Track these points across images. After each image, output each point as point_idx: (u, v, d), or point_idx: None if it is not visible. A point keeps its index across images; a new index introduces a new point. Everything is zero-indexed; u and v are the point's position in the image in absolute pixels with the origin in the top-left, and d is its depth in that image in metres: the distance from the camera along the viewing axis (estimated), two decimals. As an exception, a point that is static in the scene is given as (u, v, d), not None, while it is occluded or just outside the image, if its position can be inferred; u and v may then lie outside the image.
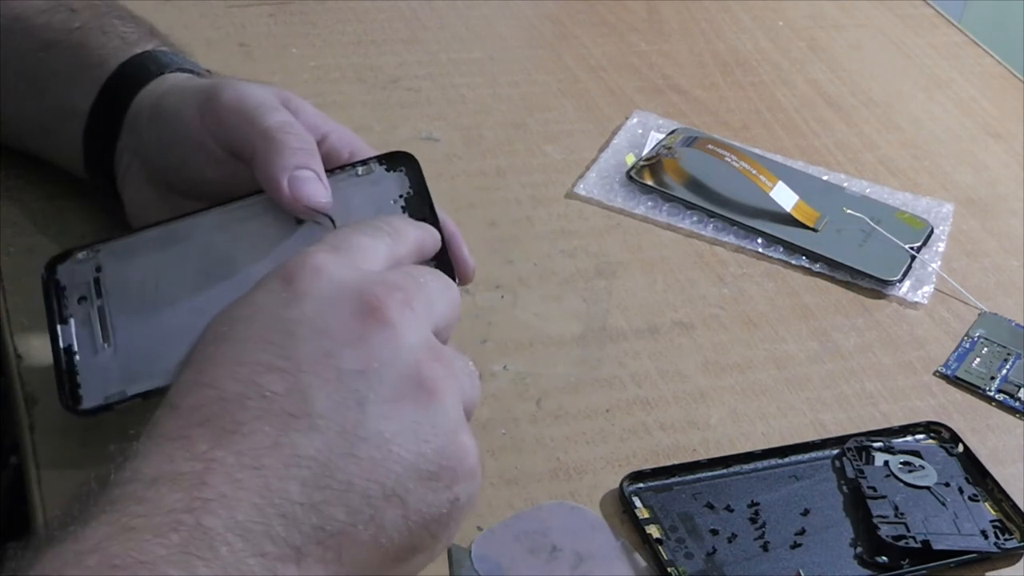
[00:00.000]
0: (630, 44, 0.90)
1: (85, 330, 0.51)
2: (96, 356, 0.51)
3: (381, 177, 0.55)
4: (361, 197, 0.54)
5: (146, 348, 0.51)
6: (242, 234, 0.54)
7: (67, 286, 0.52)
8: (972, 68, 0.94)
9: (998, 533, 0.55)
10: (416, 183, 0.54)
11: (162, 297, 0.52)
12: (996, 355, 0.66)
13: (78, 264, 0.53)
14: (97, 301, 0.52)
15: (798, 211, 0.73)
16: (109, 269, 0.53)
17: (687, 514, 0.54)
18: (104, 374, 0.51)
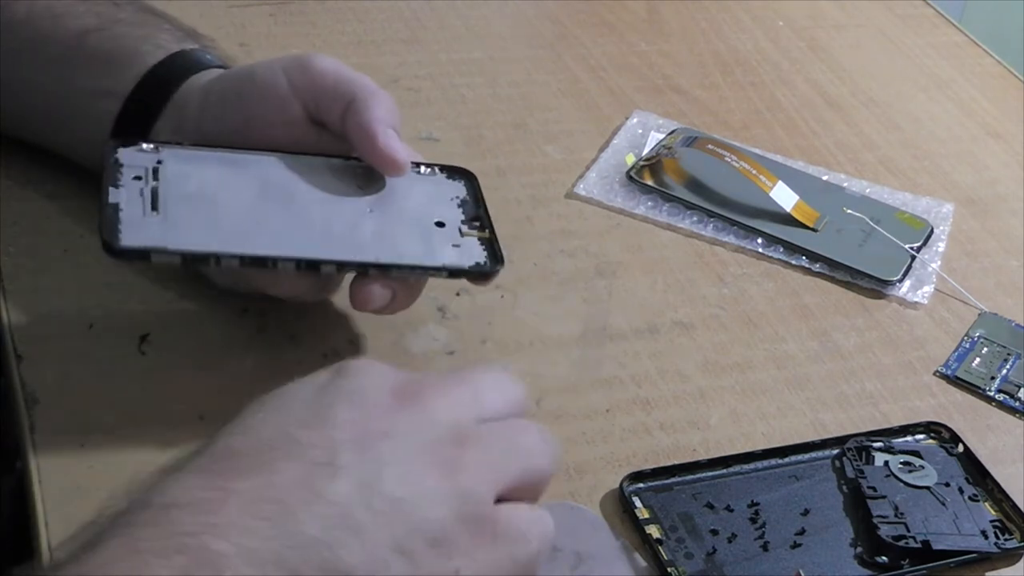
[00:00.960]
0: (630, 44, 0.90)
1: (135, 197, 0.54)
2: (143, 216, 0.53)
3: (441, 180, 0.60)
4: (421, 187, 0.59)
5: (193, 227, 0.53)
6: (304, 178, 0.57)
7: (126, 164, 0.55)
8: (972, 68, 0.94)
9: (998, 533, 0.55)
10: (472, 192, 0.60)
11: (214, 200, 0.55)
12: (996, 355, 0.66)
13: (141, 152, 0.56)
14: (152, 183, 0.54)
15: (798, 211, 0.73)
16: (170, 164, 0.56)
17: (687, 514, 0.54)
18: (148, 228, 0.53)
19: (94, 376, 0.56)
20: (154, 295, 0.61)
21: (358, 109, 0.57)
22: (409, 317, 0.63)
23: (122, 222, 0.52)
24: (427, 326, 0.62)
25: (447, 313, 0.63)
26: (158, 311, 0.60)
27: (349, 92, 0.57)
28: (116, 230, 0.52)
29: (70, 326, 0.59)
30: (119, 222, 0.52)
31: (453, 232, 0.58)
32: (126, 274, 0.62)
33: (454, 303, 0.64)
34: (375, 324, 0.62)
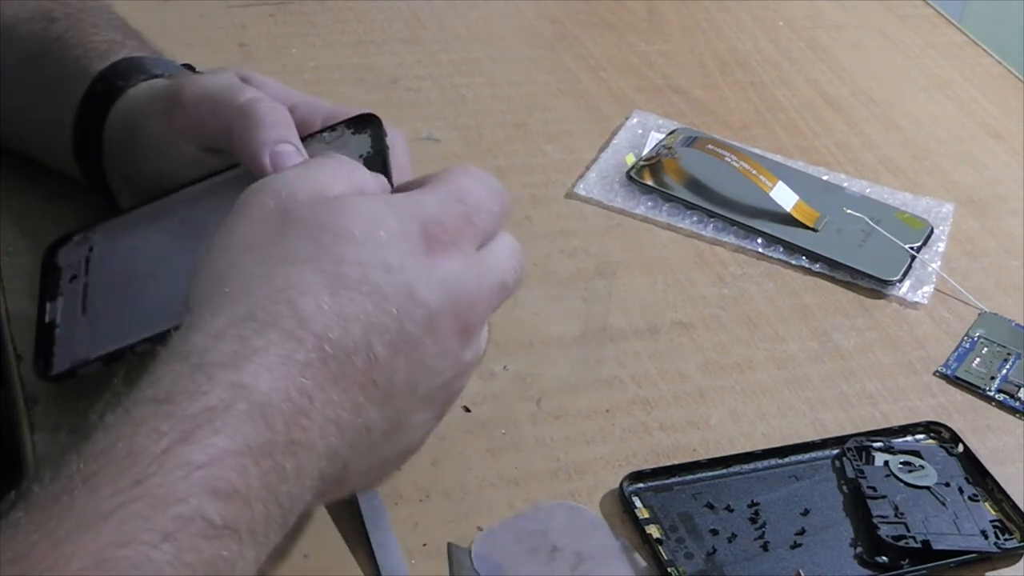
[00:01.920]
0: (630, 44, 0.90)
1: (70, 305, 0.54)
2: (74, 327, 0.53)
3: (348, 140, 0.55)
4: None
5: (117, 316, 0.53)
6: (218, 206, 0.53)
7: (63, 267, 0.55)
8: (972, 68, 0.94)
9: (998, 533, 0.55)
10: (376, 142, 0.55)
11: (138, 268, 0.54)
12: (996, 355, 0.66)
13: (75, 246, 0.56)
14: (84, 278, 0.55)
15: (798, 211, 0.73)
16: (99, 248, 0.56)
17: (687, 514, 0.54)
18: (76, 342, 0.53)
19: (94, 376, 0.56)
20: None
21: (238, 143, 0.53)
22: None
23: (56, 343, 0.53)
24: (427, 326, 0.62)
25: (447, 313, 0.63)
26: (158, 311, 0.60)
27: (225, 121, 0.54)
28: (50, 359, 0.53)
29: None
30: (53, 343, 0.53)
31: None
32: (126, 274, 0.62)
33: (454, 303, 0.64)
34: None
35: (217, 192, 0.55)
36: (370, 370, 0.43)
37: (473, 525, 0.53)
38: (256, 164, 0.53)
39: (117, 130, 0.59)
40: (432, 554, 0.51)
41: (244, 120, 0.54)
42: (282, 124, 0.54)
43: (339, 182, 0.46)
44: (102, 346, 0.52)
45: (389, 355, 0.43)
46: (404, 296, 0.44)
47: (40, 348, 0.53)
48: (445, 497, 0.54)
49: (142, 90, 0.60)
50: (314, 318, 0.42)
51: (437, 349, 0.45)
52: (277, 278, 0.43)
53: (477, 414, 0.58)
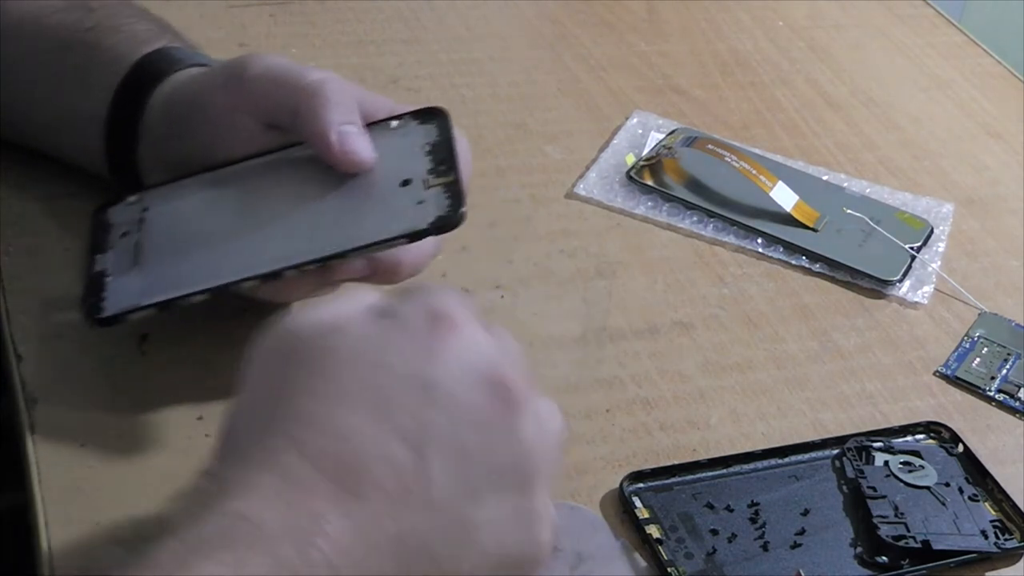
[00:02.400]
0: (630, 44, 0.90)
1: (121, 258, 0.55)
2: (125, 278, 0.54)
3: (412, 129, 0.57)
4: (391, 147, 0.56)
5: (171, 269, 0.54)
6: (279, 180, 0.56)
7: (114, 224, 0.57)
8: (972, 68, 0.93)
9: (998, 533, 0.55)
10: (443, 132, 0.57)
11: (194, 229, 0.55)
12: (996, 355, 0.66)
13: (128, 206, 0.57)
14: (137, 235, 0.56)
15: (798, 211, 0.73)
16: (154, 208, 0.57)
17: (687, 514, 0.54)
18: (127, 291, 0.54)
19: (94, 376, 0.56)
20: (154, 295, 0.61)
21: (305, 120, 0.54)
22: (409, 317, 0.63)
23: (106, 289, 0.54)
24: (427, 326, 0.62)
25: (447, 313, 0.63)
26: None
27: (291, 99, 0.55)
28: (99, 304, 0.53)
29: (70, 326, 0.59)
30: (103, 289, 0.54)
31: (417, 188, 0.55)
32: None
33: (454, 303, 0.64)
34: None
35: (278, 168, 0.57)
36: (395, 476, 0.40)
37: (473, 525, 0.53)
38: (322, 143, 0.54)
39: (162, 112, 0.59)
40: (432, 554, 0.51)
41: (311, 99, 0.54)
42: (349, 106, 0.55)
43: (345, 307, 0.44)
44: (155, 294, 0.53)
45: (415, 455, 0.40)
46: (414, 387, 0.41)
47: (89, 294, 0.54)
48: (445, 497, 0.54)
49: (191, 72, 0.60)
50: (312, 442, 0.39)
51: (475, 429, 0.41)
52: (274, 416, 0.41)
53: (477, 414, 0.58)
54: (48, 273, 0.61)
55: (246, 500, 0.38)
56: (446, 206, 0.53)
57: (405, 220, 0.53)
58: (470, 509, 0.41)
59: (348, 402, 0.40)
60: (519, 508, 0.42)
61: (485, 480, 0.41)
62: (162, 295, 0.53)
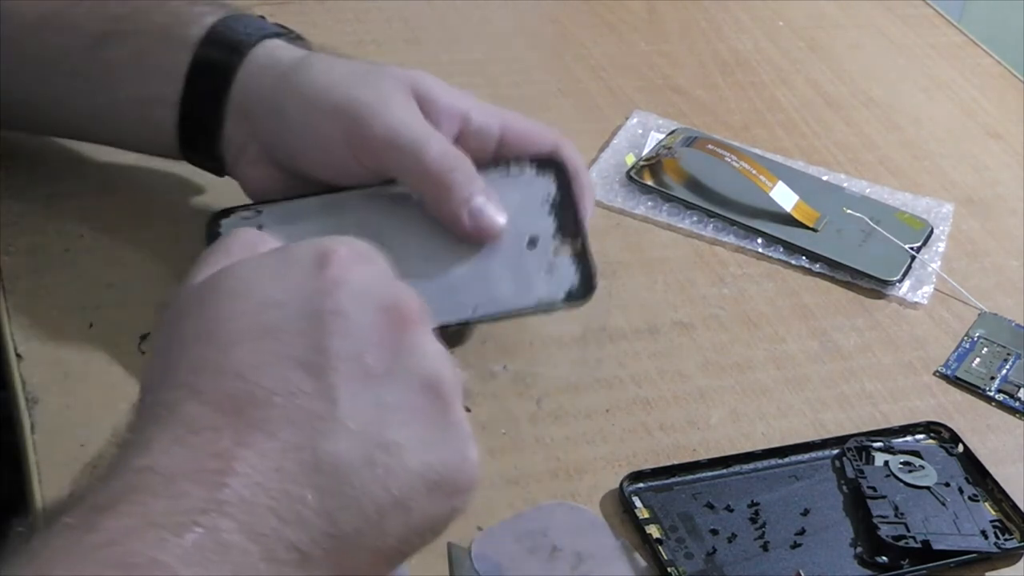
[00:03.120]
0: (630, 44, 0.90)
1: None
2: None
3: (531, 180, 0.59)
4: (512, 198, 0.58)
5: None
6: (395, 212, 0.57)
7: (223, 231, 0.56)
8: (972, 68, 0.94)
9: (998, 533, 0.55)
10: (562, 187, 0.58)
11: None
12: (996, 355, 0.66)
13: (242, 220, 0.56)
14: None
15: (798, 211, 0.73)
16: (268, 227, 0.55)
17: (687, 514, 0.54)
18: None
19: (94, 376, 0.56)
20: (154, 295, 0.61)
21: (432, 205, 0.57)
22: (409, 317, 0.63)
23: None
24: (427, 326, 0.62)
25: (447, 313, 0.63)
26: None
27: (411, 175, 0.57)
28: None
29: (70, 326, 0.59)
30: None
31: (546, 252, 0.57)
32: (126, 274, 0.62)
33: (454, 303, 0.64)
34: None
35: (396, 200, 0.57)
36: (300, 405, 0.39)
37: (473, 525, 0.53)
38: (455, 222, 0.57)
39: (264, 100, 0.59)
40: (432, 554, 0.51)
41: (435, 187, 0.56)
42: (469, 180, 0.57)
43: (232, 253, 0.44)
44: None
45: (317, 381, 0.39)
46: (306, 317, 0.40)
47: None
48: (445, 497, 0.54)
49: (282, 61, 0.60)
50: (208, 386, 0.39)
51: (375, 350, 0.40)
52: (169, 369, 0.40)
53: (477, 414, 0.58)
54: (48, 273, 0.61)
55: (149, 455, 0.37)
56: (576, 277, 0.56)
57: (539, 290, 0.56)
58: (385, 429, 0.40)
59: (240, 340, 0.40)
60: (436, 422, 0.41)
61: (395, 398, 0.40)
62: None
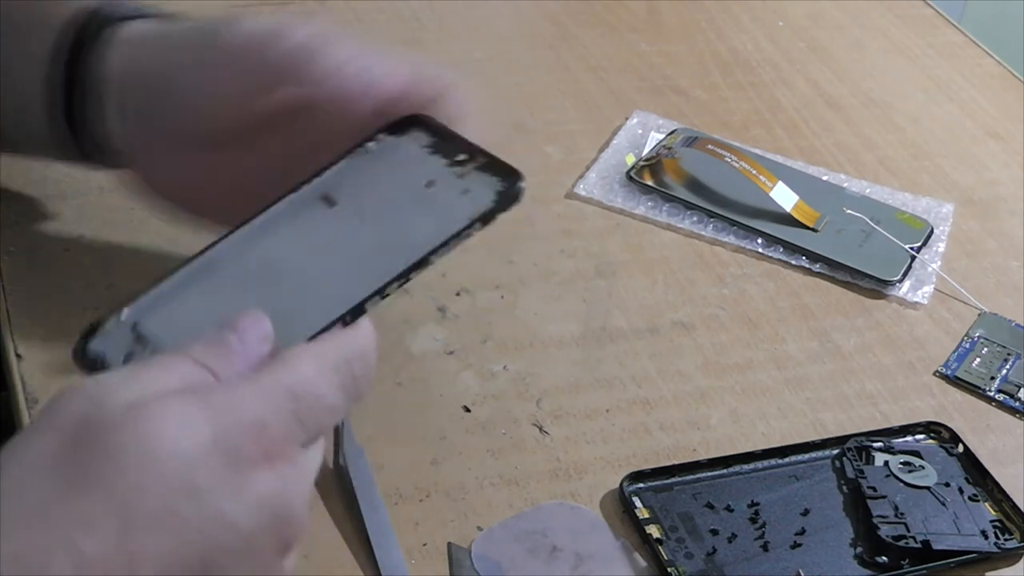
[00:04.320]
0: (630, 44, 0.90)
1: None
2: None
3: (393, 143, 0.52)
4: (385, 166, 0.51)
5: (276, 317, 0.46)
6: (282, 238, 0.49)
7: (106, 354, 0.46)
8: (972, 68, 0.94)
9: (998, 533, 0.55)
10: (435, 132, 0.51)
11: (209, 319, 0.45)
12: (996, 355, 0.66)
13: (109, 333, 0.47)
14: (148, 347, 0.46)
15: (798, 211, 0.73)
16: (148, 320, 0.47)
17: (687, 514, 0.54)
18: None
19: (94, 376, 0.56)
20: (154, 295, 0.61)
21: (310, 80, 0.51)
22: (409, 317, 0.63)
23: None
24: (427, 326, 0.62)
25: (447, 313, 0.63)
26: (158, 311, 0.60)
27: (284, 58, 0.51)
28: None
29: (70, 326, 0.58)
30: None
31: (450, 183, 0.50)
32: (126, 274, 0.62)
33: (454, 303, 0.64)
34: (375, 324, 0.62)
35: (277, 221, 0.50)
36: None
37: (473, 525, 0.53)
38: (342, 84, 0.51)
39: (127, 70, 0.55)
40: (432, 554, 0.51)
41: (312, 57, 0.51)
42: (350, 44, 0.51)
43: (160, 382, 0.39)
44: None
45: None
46: (212, 523, 0.37)
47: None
48: (445, 497, 0.54)
49: (146, 36, 0.56)
50: (96, 562, 0.35)
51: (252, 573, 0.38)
52: (59, 511, 0.36)
53: (477, 414, 0.58)
54: (48, 273, 0.61)
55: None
56: (498, 182, 0.50)
57: (464, 210, 0.49)
58: None
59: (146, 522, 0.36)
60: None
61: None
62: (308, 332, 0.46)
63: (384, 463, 0.55)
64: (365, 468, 0.54)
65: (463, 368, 0.60)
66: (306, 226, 0.50)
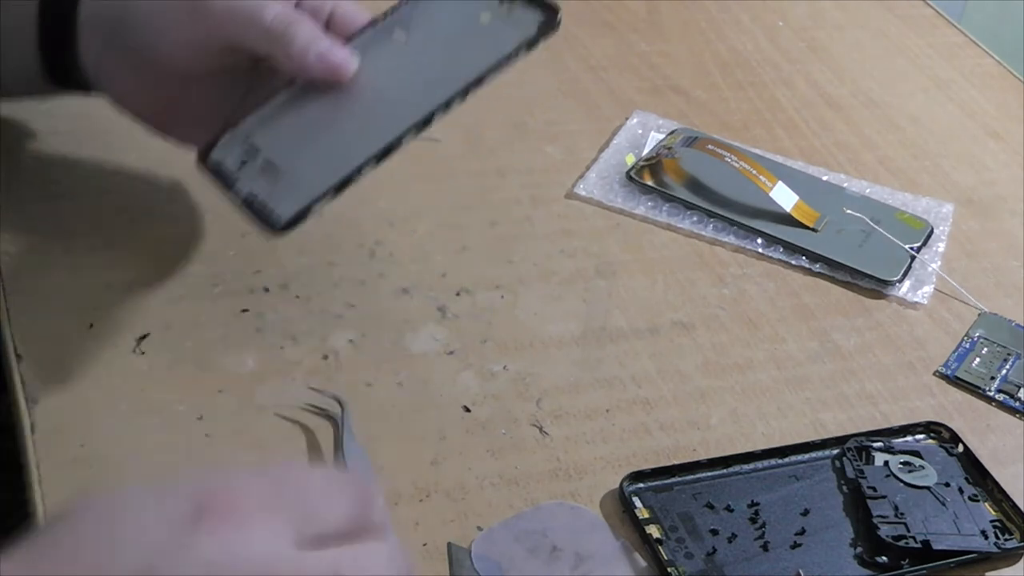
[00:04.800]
0: (630, 44, 0.90)
1: (258, 179, 0.56)
2: (277, 188, 0.55)
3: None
4: (446, 11, 0.61)
5: (316, 163, 0.56)
6: (364, 66, 0.58)
7: (223, 161, 0.57)
8: (972, 68, 0.94)
9: (998, 533, 0.55)
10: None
11: (316, 127, 0.57)
12: (996, 355, 0.66)
13: (227, 143, 0.57)
14: (259, 157, 0.57)
15: (798, 211, 0.73)
16: (257, 134, 0.57)
17: (687, 514, 0.54)
18: (290, 196, 0.55)
19: (94, 376, 0.56)
20: (154, 295, 0.61)
21: (283, 56, 0.56)
22: (409, 317, 0.63)
23: (267, 205, 0.55)
24: (427, 326, 0.62)
25: (447, 313, 0.63)
26: (158, 311, 0.60)
27: (256, 45, 0.56)
28: (268, 215, 0.54)
29: (70, 326, 0.59)
30: (266, 207, 0.54)
31: (498, 12, 0.59)
32: (126, 274, 0.62)
33: (454, 303, 0.64)
34: (375, 324, 0.62)
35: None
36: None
37: (473, 525, 0.53)
38: (310, 72, 0.56)
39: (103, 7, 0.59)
40: (432, 554, 0.51)
41: (279, 44, 0.56)
42: (311, 31, 0.56)
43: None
44: (324, 183, 0.54)
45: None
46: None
47: (256, 217, 0.54)
48: (445, 497, 0.54)
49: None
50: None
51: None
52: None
53: (477, 414, 0.58)
54: (48, 273, 0.61)
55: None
56: (537, 11, 0.58)
57: (509, 37, 0.58)
58: None
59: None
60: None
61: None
62: (332, 179, 0.54)
63: (384, 463, 0.55)
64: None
65: (463, 368, 0.61)
66: (383, 55, 0.58)
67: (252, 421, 0.56)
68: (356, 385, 0.58)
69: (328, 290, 0.63)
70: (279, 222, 0.54)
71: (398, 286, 0.65)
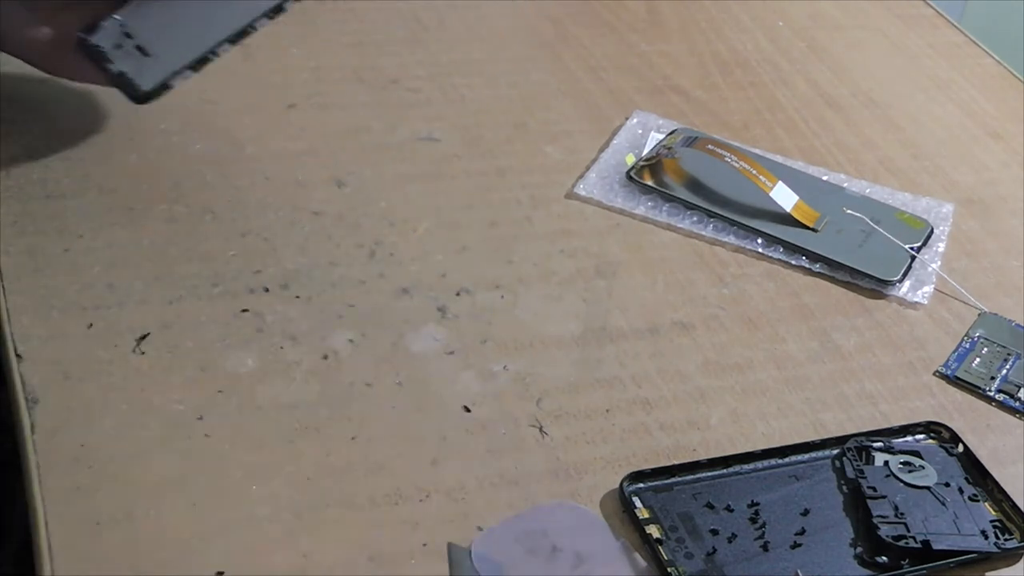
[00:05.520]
0: (630, 44, 0.90)
1: (128, 59, 0.65)
2: (142, 66, 0.66)
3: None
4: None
5: (178, 46, 0.66)
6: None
7: (101, 44, 0.65)
8: (972, 68, 0.94)
9: (998, 533, 0.55)
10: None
11: (174, 20, 0.66)
12: (996, 355, 0.66)
13: (106, 30, 0.65)
14: (131, 42, 0.65)
15: (798, 211, 0.73)
16: (131, 23, 0.65)
17: (687, 514, 0.54)
18: (152, 71, 0.66)
19: (94, 376, 0.56)
20: (154, 295, 0.61)
21: None
22: (409, 317, 0.63)
23: (135, 77, 0.65)
24: (427, 326, 0.62)
25: (447, 313, 0.63)
26: (158, 311, 0.60)
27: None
28: (134, 84, 0.65)
29: (70, 326, 0.59)
30: (134, 79, 0.65)
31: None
32: (126, 274, 0.62)
33: (454, 303, 0.64)
34: (375, 324, 0.62)
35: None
36: None
37: (473, 525, 0.53)
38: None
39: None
40: (432, 554, 0.51)
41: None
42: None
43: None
44: (181, 60, 0.66)
45: None
46: None
47: (124, 90, 0.66)
48: (445, 497, 0.54)
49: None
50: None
51: None
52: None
53: (477, 414, 0.58)
54: (48, 273, 0.61)
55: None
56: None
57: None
58: None
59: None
60: None
61: None
62: (189, 57, 0.66)
63: (384, 463, 0.55)
64: None
65: (463, 368, 0.61)
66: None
67: (252, 421, 0.56)
68: (356, 385, 0.58)
69: (328, 290, 0.63)
70: (140, 92, 0.66)
71: (398, 286, 0.65)
